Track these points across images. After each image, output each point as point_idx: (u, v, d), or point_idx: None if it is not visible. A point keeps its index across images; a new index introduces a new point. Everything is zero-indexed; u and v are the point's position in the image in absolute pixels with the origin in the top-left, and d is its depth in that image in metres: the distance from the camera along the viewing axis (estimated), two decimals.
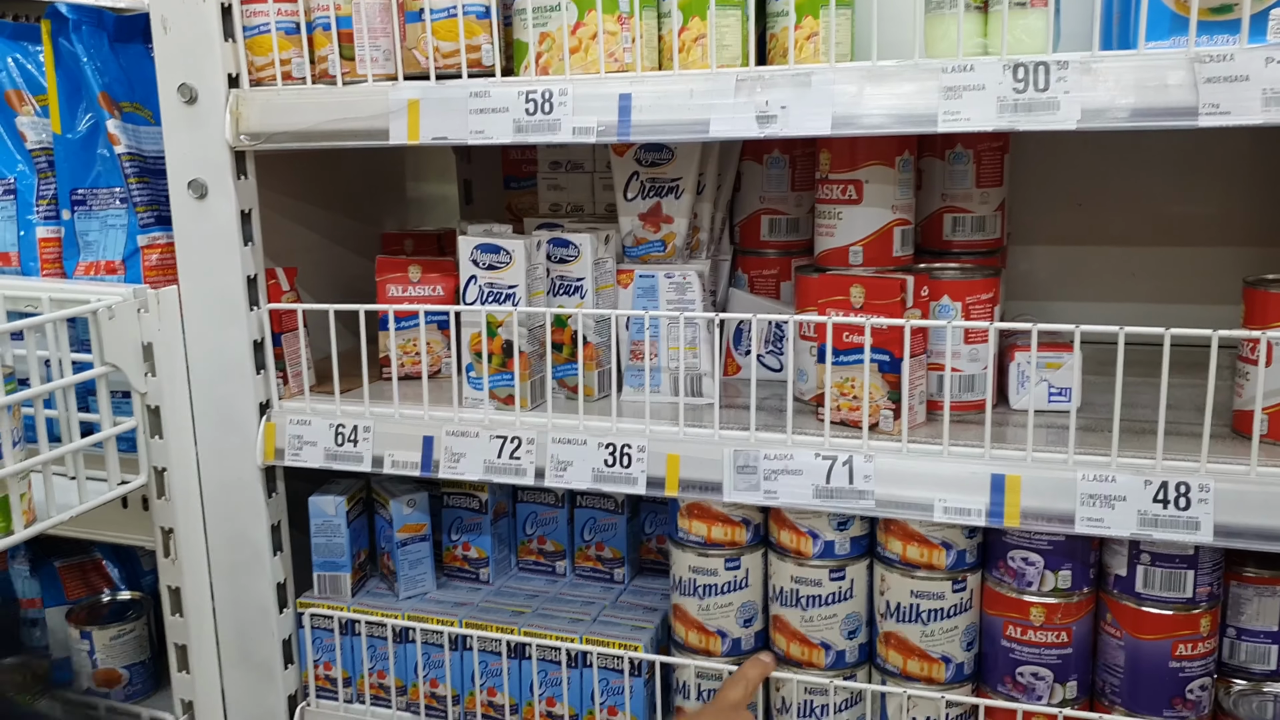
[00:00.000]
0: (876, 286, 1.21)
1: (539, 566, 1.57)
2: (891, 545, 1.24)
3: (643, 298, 1.40)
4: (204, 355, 1.40)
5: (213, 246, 1.36)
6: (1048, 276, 1.70)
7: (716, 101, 1.15)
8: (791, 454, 1.20)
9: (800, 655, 1.28)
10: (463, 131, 1.23)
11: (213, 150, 1.33)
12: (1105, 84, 1.03)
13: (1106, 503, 1.10)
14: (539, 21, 1.23)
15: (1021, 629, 1.21)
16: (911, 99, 1.09)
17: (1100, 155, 1.65)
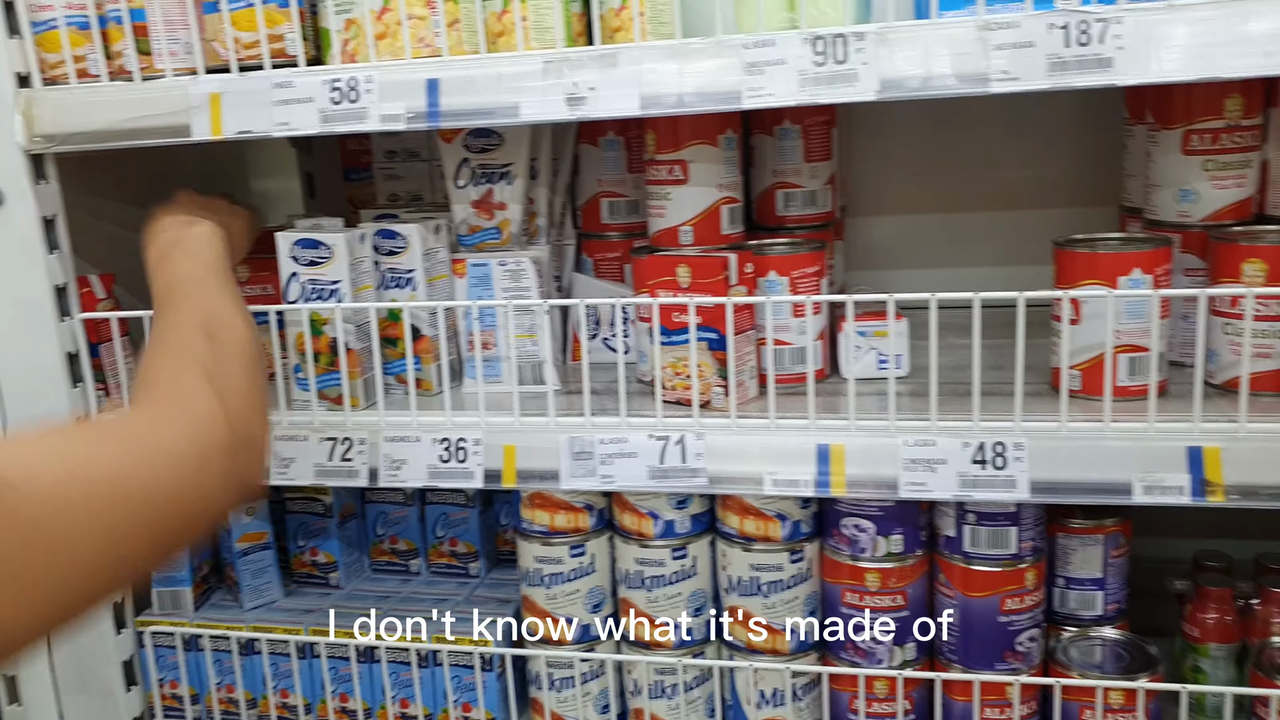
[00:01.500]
0: (701, 265, 1.22)
1: (392, 566, 1.54)
2: (729, 520, 1.25)
3: (477, 287, 1.37)
4: (15, 370, 1.33)
5: (15, 256, 1.29)
6: (890, 246, 1.74)
7: (525, 84, 1.13)
8: (626, 437, 1.20)
9: (649, 637, 1.29)
10: (267, 124, 1.19)
11: (5, 155, 1.26)
12: (902, 54, 1.05)
13: (928, 466, 1.12)
14: (342, 8, 1.19)
15: (859, 595, 1.23)
16: (716, 76, 1.09)
17: (931, 124, 1.68)
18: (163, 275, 1.08)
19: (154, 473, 0.78)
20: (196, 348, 0.96)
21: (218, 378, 0.92)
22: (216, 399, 0.89)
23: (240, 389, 0.93)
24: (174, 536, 0.80)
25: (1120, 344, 1.12)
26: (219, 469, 0.85)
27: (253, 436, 0.92)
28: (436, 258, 1.39)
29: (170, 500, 0.79)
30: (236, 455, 0.88)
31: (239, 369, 0.96)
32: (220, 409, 0.88)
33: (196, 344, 0.96)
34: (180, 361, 0.94)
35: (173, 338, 0.99)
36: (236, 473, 0.88)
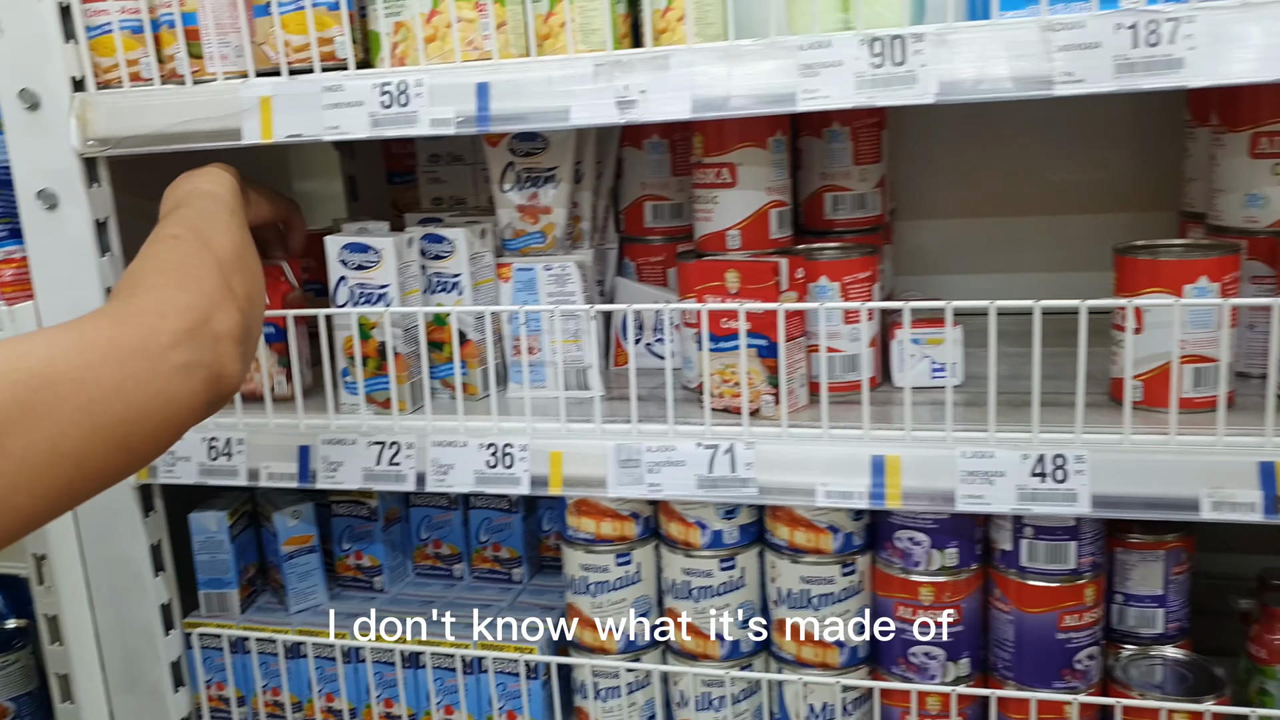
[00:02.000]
0: (750, 270, 1.20)
1: (436, 571, 1.53)
2: (779, 531, 1.23)
3: (522, 291, 1.36)
4: None
5: (67, 259, 1.30)
6: (938, 250, 1.70)
7: (575, 88, 1.12)
8: (674, 445, 1.18)
9: (696, 648, 1.27)
10: (317, 127, 1.18)
11: (60, 158, 1.27)
12: (961, 55, 1.02)
13: (986, 479, 1.10)
14: (392, 10, 1.19)
15: (912, 609, 1.20)
16: (770, 78, 1.07)
17: (982, 126, 1.65)
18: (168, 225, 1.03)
19: (88, 367, 0.75)
20: (183, 237, 0.95)
21: (195, 259, 0.91)
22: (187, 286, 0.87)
23: (210, 282, 0.90)
24: (122, 434, 0.77)
25: (1186, 354, 1.09)
26: (175, 361, 0.81)
27: (216, 328, 0.87)
28: (482, 262, 1.38)
29: (113, 399, 0.75)
30: (199, 344, 0.84)
31: (216, 263, 0.93)
32: (185, 300, 0.85)
33: (185, 237, 0.95)
34: (159, 255, 0.93)
35: (156, 238, 0.96)
36: (198, 362, 0.83)
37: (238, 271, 0.95)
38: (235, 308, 0.90)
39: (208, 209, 1.03)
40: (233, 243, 0.99)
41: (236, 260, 0.97)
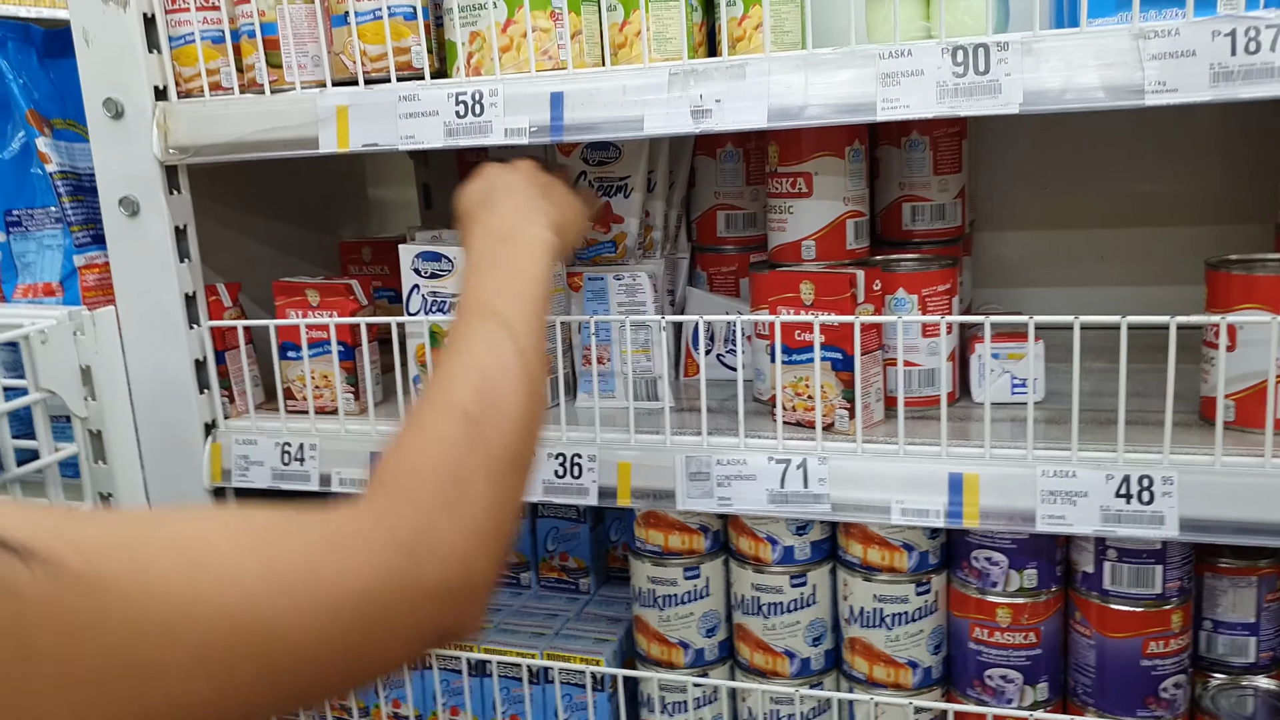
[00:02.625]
0: (826, 282, 1.17)
1: (504, 579, 1.53)
2: (852, 549, 1.20)
3: (593, 301, 1.36)
4: (145, 377, 1.36)
5: (148, 265, 1.32)
6: (1018, 262, 1.66)
7: (650, 97, 1.10)
8: (745, 459, 1.16)
9: (765, 664, 1.25)
10: (393, 137, 1.19)
11: (142, 166, 1.29)
12: (1048, 64, 0.99)
13: (1068, 499, 1.06)
14: (467, 20, 1.19)
15: (989, 630, 1.17)
16: (849, 87, 1.05)
17: (1065, 135, 1.60)
18: (473, 287, 0.92)
19: (296, 623, 0.60)
20: (447, 433, 0.76)
21: (453, 491, 0.72)
22: (433, 526, 0.69)
23: (475, 513, 0.73)
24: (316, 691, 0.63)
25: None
26: (403, 627, 0.66)
27: (473, 581, 0.71)
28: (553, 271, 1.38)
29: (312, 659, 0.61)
30: (439, 609, 0.68)
31: (487, 478, 0.75)
32: (435, 542, 0.69)
33: (450, 428, 0.76)
34: (422, 453, 0.75)
35: (435, 403, 0.80)
36: (430, 627, 0.68)
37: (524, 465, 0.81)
38: (504, 546, 0.76)
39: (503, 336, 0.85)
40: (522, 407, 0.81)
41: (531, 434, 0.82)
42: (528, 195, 1.03)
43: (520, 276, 0.93)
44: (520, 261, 0.94)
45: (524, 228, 0.98)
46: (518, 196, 1.03)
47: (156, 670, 0.54)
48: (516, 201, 1.02)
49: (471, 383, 0.80)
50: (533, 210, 1.01)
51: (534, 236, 0.97)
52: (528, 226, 0.98)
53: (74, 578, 0.51)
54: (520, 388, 0.82)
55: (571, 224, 1.08)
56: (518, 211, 1.00)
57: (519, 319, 0.88)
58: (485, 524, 0.73)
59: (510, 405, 0.80)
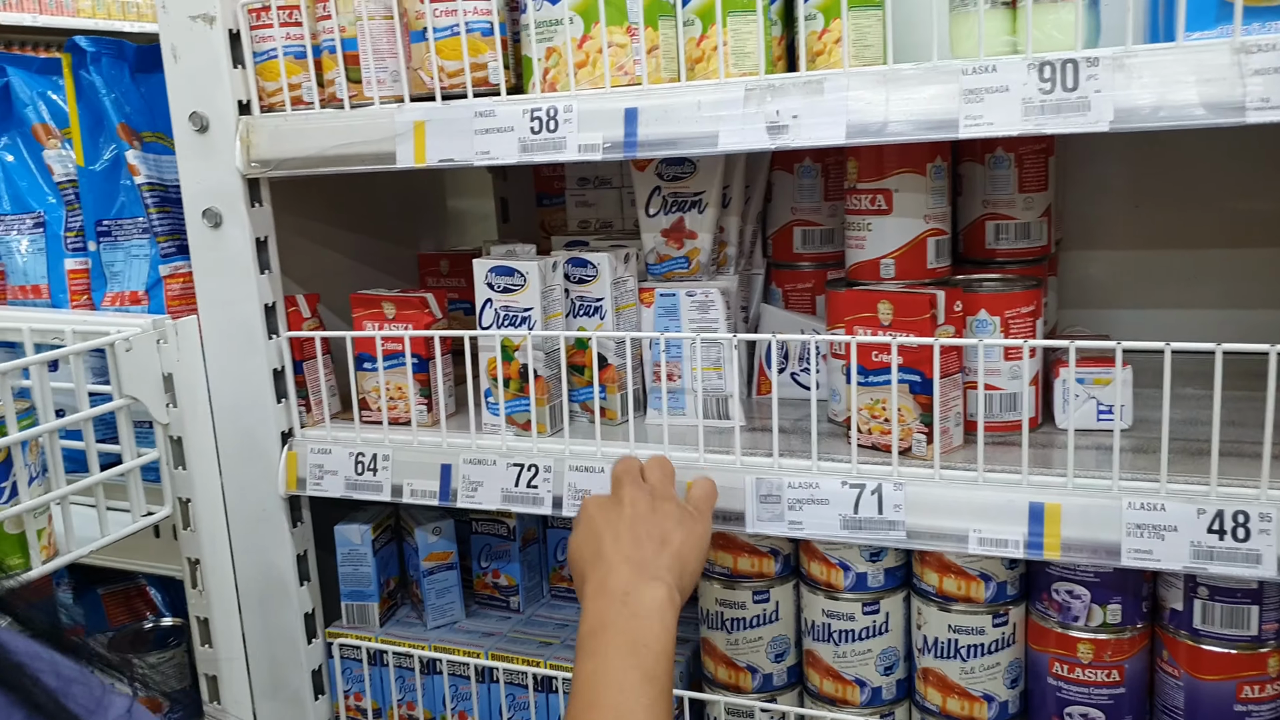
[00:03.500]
0: (905, 302, 1.14)
1: (571, 594, 1.53)
2: (927, 577, 1.17)
3: (665, 317, 1.34)
4: (225, 385, 1.39)
5: (229, 275, 1.35)
6: (1106, 283, 1.61)
7: (725, 113, 1.09)
8: (817, 482, 1.14)
9: (835, 692, 1.22)
10: (469, 152, 1.19)
11: (225, 178, 1.32)
12: (1140, 80, 0.95)
13: (1155, 533, 1.02)
14: (543, 36, 1.19)
15: (1069, 666, 1.12)
16: (931, 104, 1.02)
17: (1158, 151, 1.54)
18: (591, 656, 0.91)
19: None
20: None
21: None
22: None
23: None
24: None
25: None
26: None
27: None
28: (625, 286, 1.37)
29: None
30: None
31: None
32: None
33: None
34: None
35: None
36: None
37: None
38: None
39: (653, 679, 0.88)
40: None
41: None
42: (639, 541, 0.98)
43: (642, 648, 0.90)
44: (641, 627, 0.91)
45: (642, 587, 0.94)
46: (628, 545, 0.97)
47: None
48: (628, 551, 0.97)
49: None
50: (650, 561, 0.96)
51: (653, 597, 0.93)
52: (646, 585, 0.94)
53: None
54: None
55: (690, 555, 1.00)
56: (632, 564, 0.96)
57: (642, 706, 0.86)
58: None
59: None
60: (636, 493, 1.03)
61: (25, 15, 5.82)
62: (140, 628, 1.71)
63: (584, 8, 1.16)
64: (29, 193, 1.51)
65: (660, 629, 0.91)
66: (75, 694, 0.52)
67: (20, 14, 5.80)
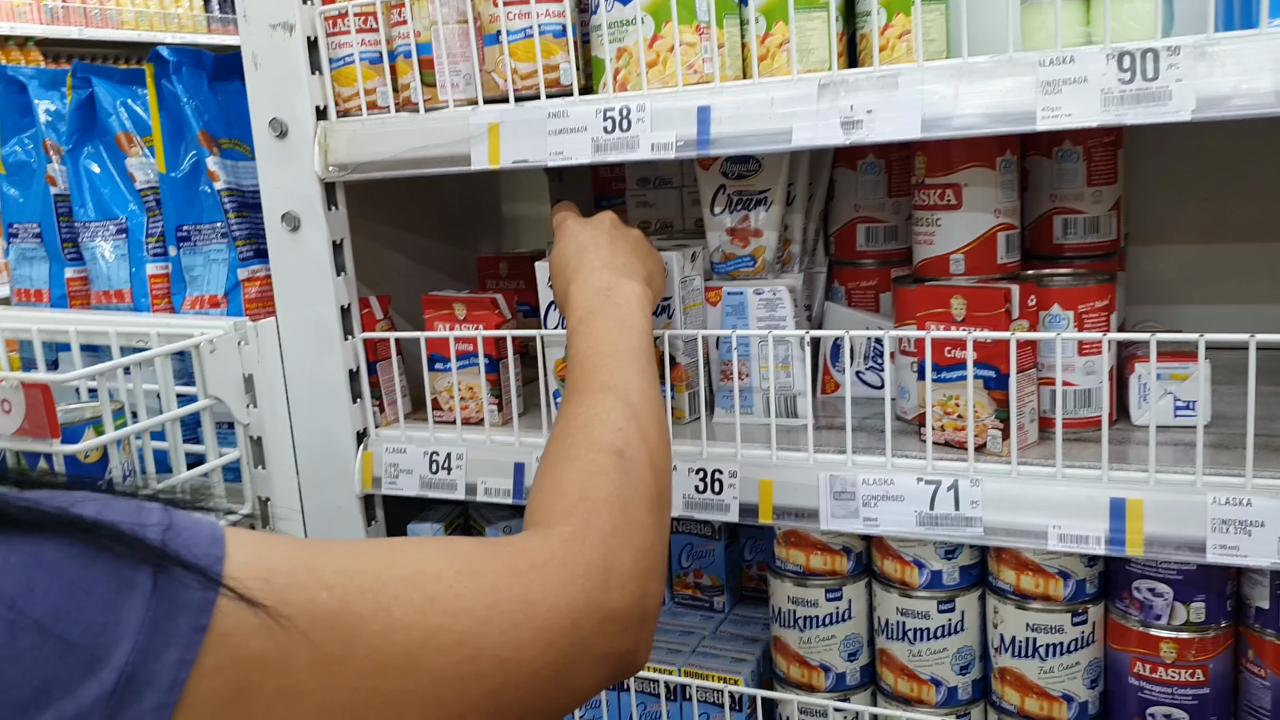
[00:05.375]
0: (979, 297, 1.14)
1: None
2: (1004, 575, 1.16)
3: (732, 315, 1.35)
4: (302, 385, 1.42)
5: (307, 278, 1.38)
6: (1174, 278, 1.58)
7: (799, 109, 1.10)
8: (892, 479, 1.13)
9: (909, 692, 1.21)
10: (542, 153, 1.21)
11: (303, 182, 1.35)
12: (1223, 69, 0.94)
13: (1242, 528, 1.00)
14: (615, 37, 1.20)
15: (1151, 666, 1.11)
16: (1007, 96, 1.02)
17: (1228, 143, 1.52)
18: (584, 337, 0.97)
19: (518, 649, 0.64)
20: (606, 466, 0.82)
21: (623, 519, 0.77)
22: (613, 552, 0.74)
23: (643, 539, 0.78)
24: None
25: None
26: (596, 652, 0.70)
27: (646, 605, 0.75)
28: (692, 285, 1.37)
29: (527, 684, 0.64)
30: (623, 631, 0.72)
31: (646, 507, 0.81)
32: (616, 567, 0.73)
33: (606, 461, 0.82)
34: (588, 484, 0.80)
35: (583, 442, 0.85)
36: (615, 652, 0.71)
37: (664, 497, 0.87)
38: (661, 570, 0.80)
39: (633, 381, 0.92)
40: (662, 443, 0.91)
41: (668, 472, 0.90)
42: (615, 250, 1.08)
43: (627, 327, 0.98)
44: (624, 312, 1.00)
45: (620, 283, 1.03)
46: (606, 252, 1.08)
47: (400, 702, 0.58)
48: (607, 258, 1.07)
49: (613, 423, 0.87)
50: (625, 266, 1.07)
51: (631, 290, 1.03)
52: (624, 281, 1.04)
53: (329, 617, 0.56)
54: (654, 424, 0.91)
55: (657, 274, 1.14)
56: (611, 268, 1.05)
57: (635, 368, 0.94)
58: (653, 550, 0.79)
59: (650, 443, 0.88)
60: (613, 219, 1.14)
61: (72, 28, 5.98)
62: None
63: (655, 7, 1.17)
64: (112, 200, 1.55)
65: (641, 315, 1.01)
66: (115, 508, 0.53)
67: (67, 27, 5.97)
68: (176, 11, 6.14)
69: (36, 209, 1.63)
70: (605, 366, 0.94)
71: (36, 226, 1.63)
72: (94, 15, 5.94)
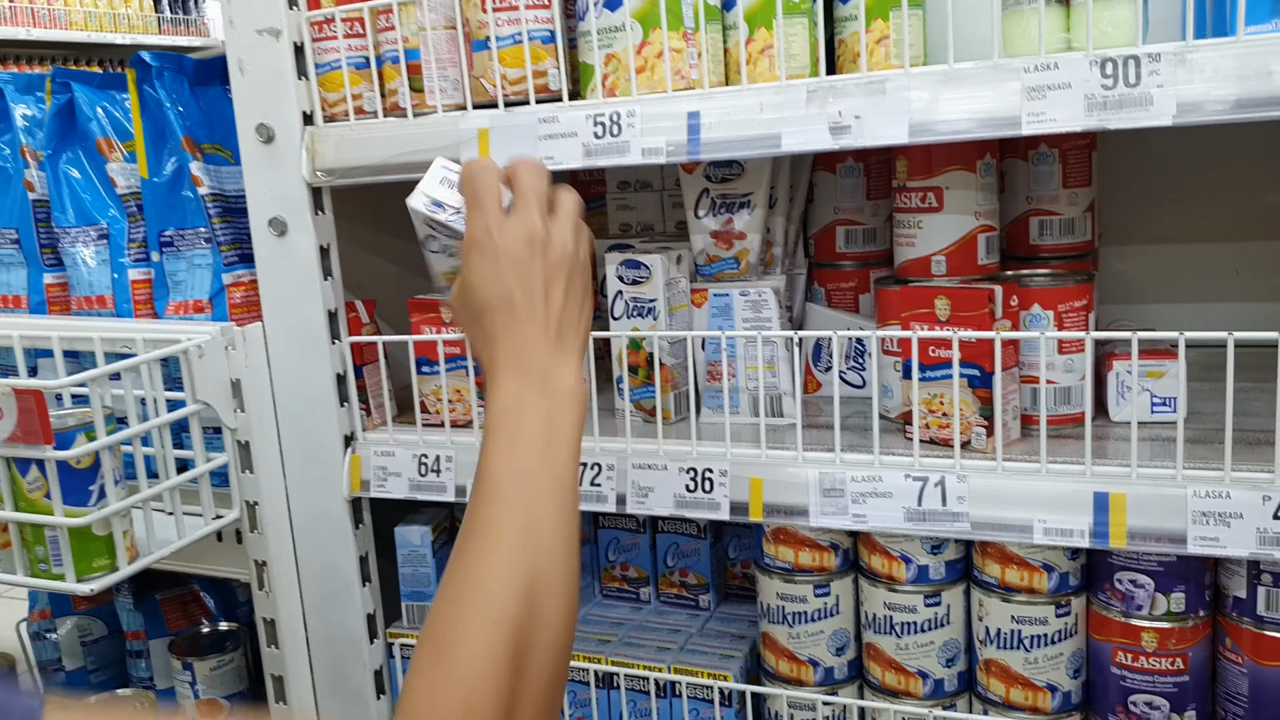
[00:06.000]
0: (963, 297, 1.17)
1: (622, 593, 1.55)
2: (989, 569, 1.19)
3: (718, 317, 1.37)
4: (289, 390, 1.42)
5: (294, 282, 1.38)
6: (1143, 278, 1.62)
7: (788, 114, 1.12)
8: (880, 475, 1.16)
9: (896, 684, 1.24)
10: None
11: (291, 188, 1.35)
12: (1202, 75, 0.97)
13: (1221, 520, 1.03)
14: (604, 43, 1.21)
15: (1133, 655, 1.14)
16: (992, 101, 1.04)
17: (1195, 147, 1.56)
18: (504, 446, 0.82)
19: None
20: (499, 666, 0.73)
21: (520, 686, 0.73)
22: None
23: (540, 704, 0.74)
24: None
25: None
26: None
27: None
28: (677, 287, 1.39)
29: None
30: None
31: (548, 668, 0.75)
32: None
33: (501, 657, 0.73)
34: (474, 692, 0.71)
35: (477, 621, 0.74)
36: None
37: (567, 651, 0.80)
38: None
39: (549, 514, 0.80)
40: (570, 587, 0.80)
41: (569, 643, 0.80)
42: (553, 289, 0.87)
43: (557, 439, 0.83)
44: (559, 415, 0.84)
45: (560, 364, 0.86)
46: (540, 301, 0.86)
47: None
48: (543, 310, 0.86)
49: (514, 598, 0.75)
50: (566, 322, 0.87)
51: (570, 378, 0.86)
52: (563, 361, 0.86)
53: None
54: (562, 593, 0.78)
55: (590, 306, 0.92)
56: (550, 332, 0.86)
57: (554, 506, 0.81)
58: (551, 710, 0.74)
59: (554, 621, 0.77)
60: (539, 222, 0.88)
61: (19, 29, 5.90)
62: (199, 631, 1.73)
63: (643, 14, 1.19)
64: (93, 205, 1.54)
65: (576, 418, 0.85)
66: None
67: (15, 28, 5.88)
68: (126, 12, 6.07)
69: (14, 214, 1.61)
70: (521, 499, 0.80)
71: (14, 232, 1.62)
72: (42, 15, 5.85)
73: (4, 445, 1.22)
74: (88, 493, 1.25)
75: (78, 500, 1.24)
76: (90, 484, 1.24)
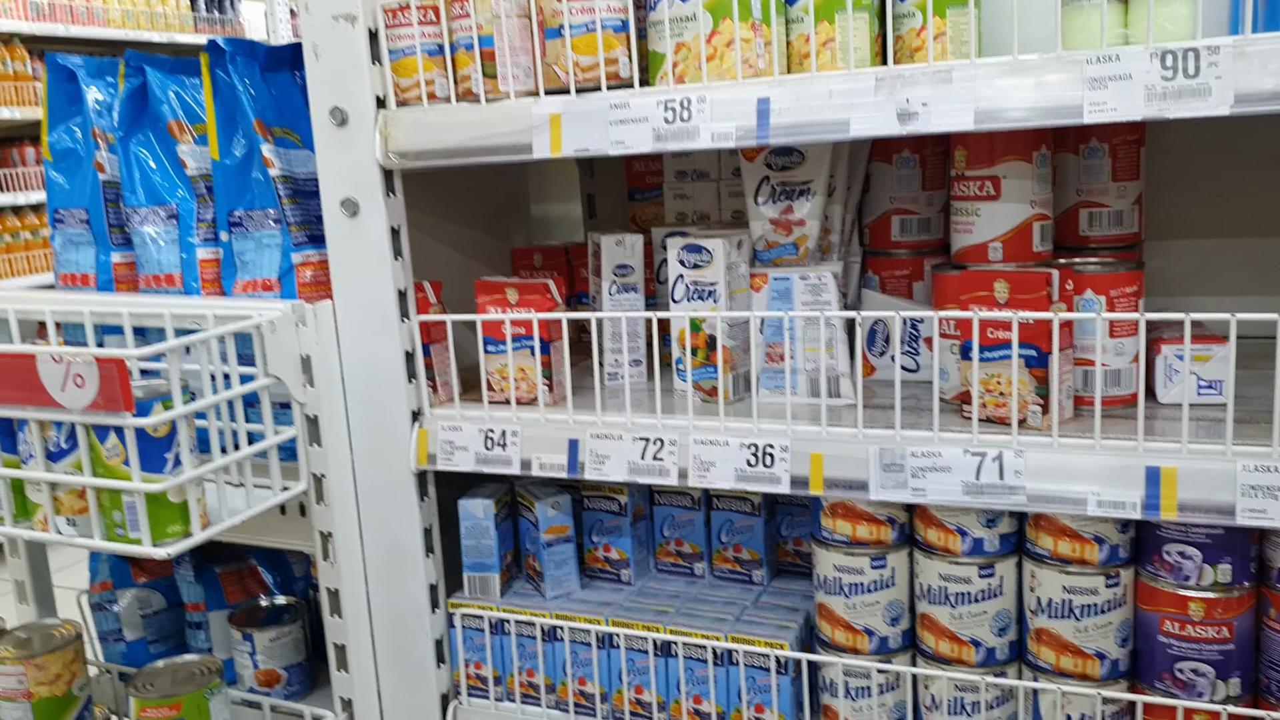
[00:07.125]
0: (1021, 281, 1.21)
1: (677, 568, 1.59)
2: (1042, 541, 1.23)
3: (777, 300, 1.41)
4: (359, 366, 1.46)
5: (365, 262, 1.43)
6: (1182, 273, 1.66)
7: (856, 101, 1.16)
8: (939, 451, 1.20)
9: (950, 653, 1.28)
10: (604, 143, 1.27)
11: (364, 169, 1.39)
12: (1262, 67, 1.02)
13: (1270, 494, 1.08)
14: (675, 32, 1.26)
15: (1180, 624, 1.19)
16: (1055, 91, 1.09)
17: (1237, 146, 1.60)
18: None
19: None
20: None
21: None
22: None
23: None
24: None
25: None
26: None
27: None
28: (738, 271, 1.44)
29: None
30: None
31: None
32: None
33: None
34: None
35: None
36: None
37: None
38: None
39: None
40: None
41: None
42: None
43: None
44: None
45: None
46: None
47: None
48: None
49: None
50: None
51: None
52: None
53: None
54: None
55: None
56: None
57: None
58: None
59: None
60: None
61: (59, 25, 5.96)
62: (257, 604, 1.78)
63: (714, 4, 1.24)
64: (163, 186, 1.59)
65: None
66: None
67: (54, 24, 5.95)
68: (163, 10, 6.14)
69: (84, 195, 1.66)
70: None
71: (84, 212, 1.67)
72: (80, 13, 5.92)
73: (84, 413, 1.26)
74: (164, 460, 1.29)
75: (154, 467, 1.28)
76: (166, 451, 1.28)
